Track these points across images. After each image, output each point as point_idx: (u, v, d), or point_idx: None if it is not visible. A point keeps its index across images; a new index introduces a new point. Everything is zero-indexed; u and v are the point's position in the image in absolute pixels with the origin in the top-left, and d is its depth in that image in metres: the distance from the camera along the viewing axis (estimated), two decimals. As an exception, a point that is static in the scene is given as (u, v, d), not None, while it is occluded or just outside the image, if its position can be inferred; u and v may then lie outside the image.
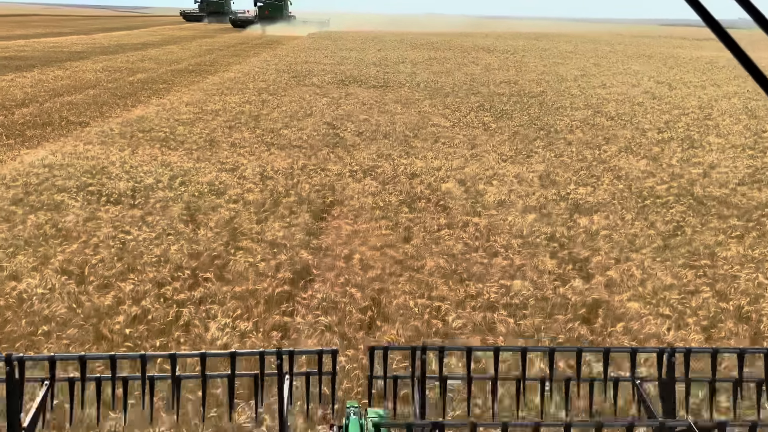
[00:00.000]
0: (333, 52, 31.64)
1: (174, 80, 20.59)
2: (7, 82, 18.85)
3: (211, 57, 29.81)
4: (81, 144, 10.10)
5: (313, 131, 11.74)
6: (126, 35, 48.76)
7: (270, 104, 14.68)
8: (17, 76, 20.20)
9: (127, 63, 25.90)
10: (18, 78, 19.83)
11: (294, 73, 21.26)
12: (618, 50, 37.27)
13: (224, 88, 17.48)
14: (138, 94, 17.50)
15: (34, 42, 36.93)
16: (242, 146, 10.32)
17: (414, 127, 12.40)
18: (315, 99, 15.65)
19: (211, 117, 12.86)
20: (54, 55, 28.24)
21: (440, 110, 14.44)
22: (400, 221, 6.88)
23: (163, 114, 13.09)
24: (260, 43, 42.92)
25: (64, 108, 14.72)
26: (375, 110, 14.34)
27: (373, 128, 12.20)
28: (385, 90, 17.73)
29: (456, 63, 26.23)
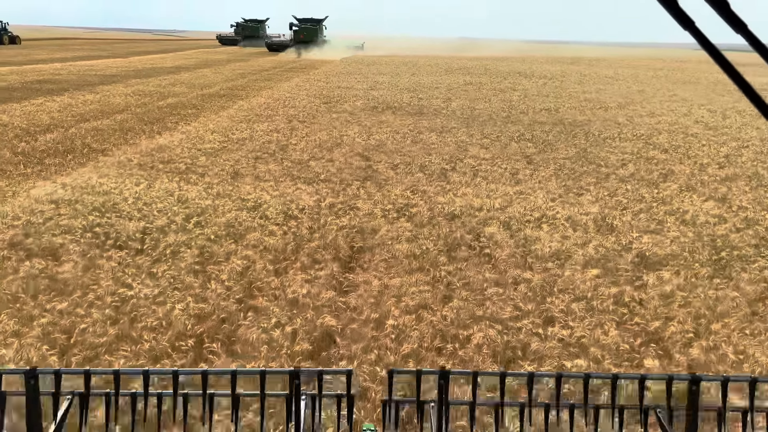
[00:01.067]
0: (366, 76, 31.11)
1: (203, 105, 20.15)
2: (36, 106, 18.61)
3: (243, 81, 29.53)
4: (95, 176, 9.47)
5: (343, 163, 10.97)
6: (161, 58, 49.22)
7: (299, 132, 13.99)
8: (47, 100, 19.99)
9: (159, 87, 25.69)
10: (47, 102, 19.60)
11: (325, 99, 20.65)
12: (661, 75, 35.99)
13: (253, 114, 16.90)
14: (165, 119, 17.03)
15: (70, 65, 37.30)
16: (267, 180, 9.58)
17: (451, 158, 11.54)
18: (346, 127, 14.93)
19: (236, 146, 12.20)
20: (87, 79, 28.26)
21: (478, 140, 13.56)
22: (439, 275, 5.98)
23: (187, 143, 12.48)
24: (294, 67, 42.79)
25: (89, 134, 14.27)
26: (409, 139, 13.54)
27: (407, 160, 11.37)
28: (419, 117, 16.94)
29: (492, 89, 25.38)
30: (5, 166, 10.98)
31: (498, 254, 6.53)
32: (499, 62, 48.33)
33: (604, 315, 5.20)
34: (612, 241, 6.99)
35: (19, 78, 27.46)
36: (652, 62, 55.46)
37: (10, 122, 15.57)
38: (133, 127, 15.59)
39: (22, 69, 32.73)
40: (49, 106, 18.84)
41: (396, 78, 30.34)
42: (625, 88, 26.50)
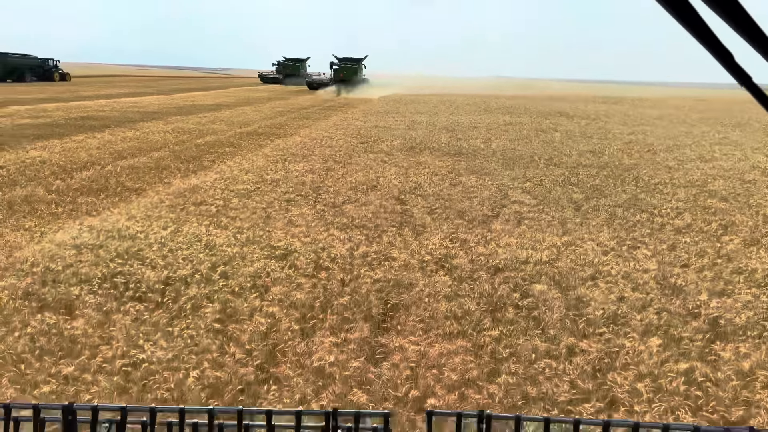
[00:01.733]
0: (404, 115, 30.89)
1: (241, 143, 20.05)
2: (76, 143, 18.76)
3: (281, 120, 29.61)
4: (124, 218, 9.17)
5: (378, 207, 10.48)
6: (203, 96, 50.16)
7: (334, 174, 13.60)
8: (88, 137, 20.18)
9: (198, 124, 25.86)
10: (88, 139, 19.78)
11: (362, 138, 20.35)
12: (709, 117, 34.85)
13: (289, 153, 16.64)
14: (202, 157, 16.90)
15: (114, 102, 38.17)
16: (298, 225, 9.13)
17: (493, 204, 10.95)
18: (383, 168, 14.50)
19: (270, 188, 11.85)
20: (129, 115, 28.70)
21: (521, 183, 12.94)
22: (483, 341, 5.36)
23: (220, 183, 12.19)
24: (332, 105, 43.01)
25: (124, 172, 14.16)
26: (447, 182, 13.01)
27: (446, 204, 10.83)
28: (458, 158, 16.43)
29: (533, 129, 24.77)
30: (38, 204, 10.82)
31: (548, 317, 5.88)
32: (539, 101, 47.78)
33: (675, 397, 4.50)
34: (676, 305, 6.27)
35: (64, 114, 28.05)
36: (697, 103, 54.14)
37: (49, 159, 15.63)
38: (168, 165, 15.46)
39: (69, 105, 33.56)
40: (89, 142, 18.98)
41: (434, 117, 30.03)
42: (671, 130, 25.58)
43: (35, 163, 14.99)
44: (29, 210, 10.48)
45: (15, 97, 38.91)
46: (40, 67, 65.73)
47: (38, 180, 13.04)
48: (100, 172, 14.19)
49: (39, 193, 11.71)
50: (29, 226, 9.45)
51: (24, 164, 14.86)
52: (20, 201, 11.06)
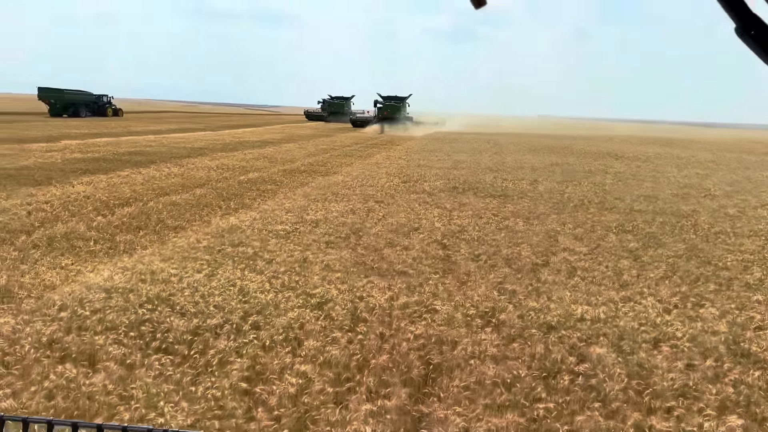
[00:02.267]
0: (447, 154, 30.55)
1: (283, 181, 19.95)
2: (121, 178, 18.94)
3: (324, 157, 29.62)
4: (158, 259, 8.93)
5: (420, 252, 10.01)
6: (249, 132, 50.99)
7: (375, 214, 13.23)
8: (133, 172, 20.40)
9: (242, 161, 26.00)
10: (133, 174, 19.97)
11: (404, 178, 20.01)
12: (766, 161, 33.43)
13: (330, 192, 16.38)
14: (244, 195, 16.80)
15: (163, 137, 38.98)
16: (336, 270, 8.72)
17: (542, 251, 10.36)
18: (425, 209, 14.07)
19: (309, 228, 11.53)
20: (175, 151, 29.13)
21: (571, 229, 12.31)
22: (536, 414, 4.79)
23: (259, 223, 11.93)
24: (375, 143, 43.06)
25: (166, 209, 14.08)
26: (493, 225, 12.47)
27: (492, 250, 10.29)
28: (503, 200, 15.88)
29: (582, 170, 24.05)
30: (76, 241, 10.73)
31: (609, 387, 5.26)
32: (586, 141, 46.89)
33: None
34: (754, 377, 5.57)
35: (113, 149, 28.64)
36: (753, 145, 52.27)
37: (93, 194, 15.73)
38: (210, 202, 15.36)
39: (118, 140, 34.39)
40: (134, 178, 19.15)
41: (477, 156, 29.59)
42: (729, 174, 24.47)
43: (79, 199, 15.08)
44: (68, 247, 10.37)
45: (68, 131, 40.17)
46: (95, 103, 68.18)
47: (80, 216, 13.04)
48: (142, 208, 14.15)
49: (80, 230, 11.65)
50: (65, 264, 9.31)
51: (69, 199, 14.95)
52: (60, 237, 10.99)
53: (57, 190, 16.18)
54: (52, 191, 15.99)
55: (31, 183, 17.17)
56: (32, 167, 20.84)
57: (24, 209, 13.33)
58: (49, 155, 24.96)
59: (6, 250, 9.93)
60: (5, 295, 7.68)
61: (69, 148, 28.19)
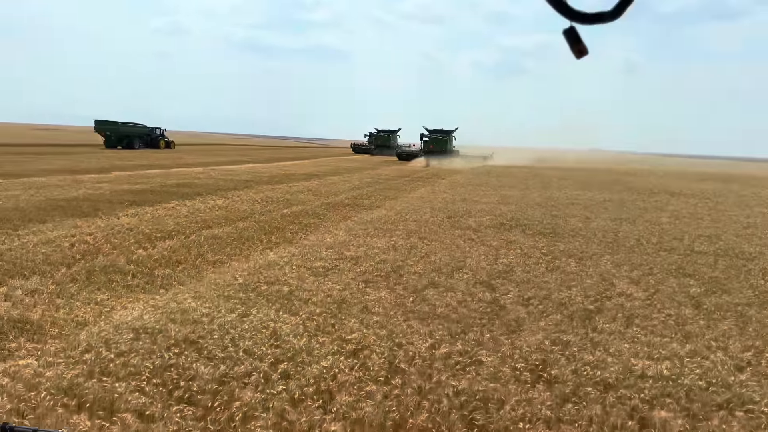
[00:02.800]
0: (494, 189, 29.92)
1: (326, 215, 19.71)
2: (167, 210, 19.01)
3: (368, 190, 29.40)
4: (191, 297, 8.63)
5: (464, 293, 9.45)
6: (297, 165, 51.44)
7: (418, 252, 12.74)
8: (179, 204, 20.49)
9: (287, 194, 25.97)
10: (179, 206, 20.05)
11: (449, 213, 19.49)
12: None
13: (372, 227, 15.99)
14: (286, 229, 16.57)
15: (211, 169, 39.57)
16: (375, 312, 8.24)
17: (595, 295, 9.65)
18: (470, 247, 13.50)
19: (348, 266, 11.12)
20: (222, 183, 29.37)
21: (627, 272, 11.53)
22: (596, 494, 4.16)
23: (298, 259, 11.59)
24: (421, 177, 42.74)
25: (207, 242, 13.92)
26: (543, 266, 11.81)
27: (542, 293, 9.64)
28: (553, 239, 15.17)
29: (636, 207, 23.05)
30: (114, 275, 10.58)
31: (680, 463, 4.59)
32: (639, 177, 45.49)
33: None
34: None
35: (162, 181, 29.08)
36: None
37: (137, 226, 15.73)
38: (251, 236, 15.16)
39: (168, 172, 35.02)
40: (179, 210, 19.20)
41: (525, 191, 28.86)
42: (795, 212, 23.04)
43: (123, 231, 15.09)
44: (105, 281, 10.23)
45: (120, 163, 41.25)
46: (148, 135, 70.28)
47: (122, 248, 12.97)
48: (183, 241, 14.03)
49: (119, 263, 11.53)
50: (101, 299, 9.13)
51: (112, 231, 14.98)
52: (99, 270, 10.88)
53: (102, 222, 16.28)
54: (97, 223, 16.09)
55: (78, 214, 17.36)
56: (81, 198, 21.20)
57: (67, 241, 13.36)
58: (98, 186, 25.45)
59: (45, 284, 9.84)
60: (36, 331, 7.49)
61: (118, 180, 28.77)
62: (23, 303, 8.80)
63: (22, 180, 26.37)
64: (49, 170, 32.63)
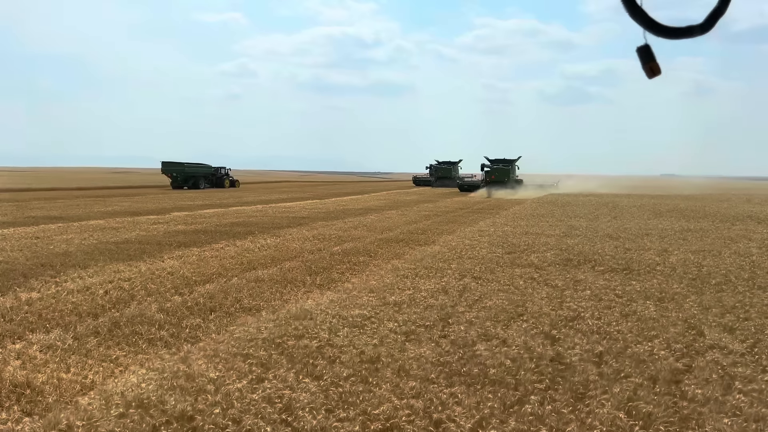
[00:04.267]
0: (559, 219, 28.09)
1: (377, 251, 18.62)
2: (214, 251, 18.40)
3: (425, 224, 28.19)
4: (204, 358, 7.61)
5: (522, 348, 8.04)
6: (355, 199, 50.89)
7: (471, 295, 11.38)
8: (228, 245, 19.89)
9: (341, 230, 25.11)
10: (227, 246, 19.43)
11: (509, 248, 17.99)
12: None
13: (422, 266, 14.73)
14: (333, 268, 15.56)
15: (270, 207, 39.40)
16: (412, 375, 6.97)
17: (682, 348, 8.04)
18: (531, 288, 12.03)
19: (389, 314, 9.90)
20: (277, 221, 28.85)
21: (717, 316, 9.80)
22: None
23: (336, 306, 10.47)
24: (481, 208, 41.23)
25: (247, 286, 13.04)
26: (616, 311, 10.23)
27: (616, 347, 8.11)
28: (627, 276, 13.47)
29: (720, 237, 20.80)
30: (140, 326, 9.77)
31: None
32: (719, 203, 42.30)
33: None
34: None
35: (217, 220, 28.84)
36: None
37: (179, 270, 15.08)
38: (295, 277, 14.21)
39: (226, 211, 34.95)
40: (227, 251, 18.55)
41: (594, 222, 26.88)
42: None
43: (163, 275, 14.45)
44: (129, 333, 9.42)
45: (183, 203, 41.69)
46: (213, 175, 71.82)
47: (157, 295, 12.25)
48: (223, 285, 13.20)
49: (149, 312, 10.76)
50: (117, 356, 8.28)
51: (152, 276, 14.36)
52: (126, 321, 10.11)
53: (144, 266, 15.73)
54: (140, 267, 15.55)
55: (123, 258, 16.94)
56: (132, 240, 20.95)
57: (103, 288, 12.76)
58: (153, 228, 25.33)
59: (64, 338, 9.11)
60: (34, 398, 6.65)
61: (175, 220, 28.71)
62: (34, 362, 8.05)
63: (81, 223, 26.61)
64: (111, 212, 33.10)
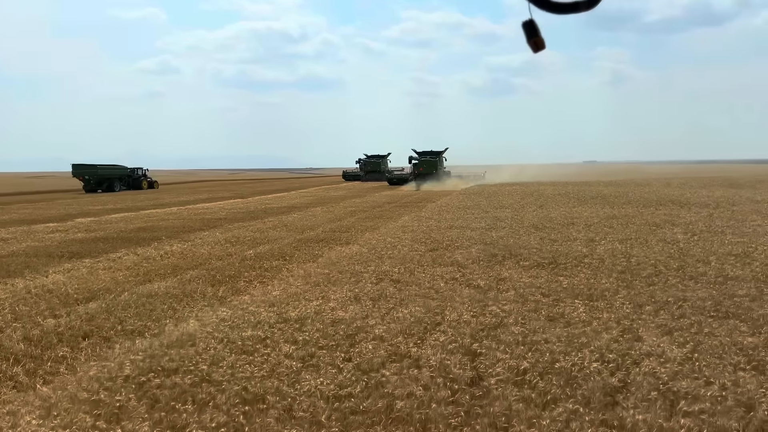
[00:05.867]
0: (485, 211, 27.38)
1: (294, 254, 17.17)
2: (109, 262, 16.45)
3: (349, 221, 26.87)
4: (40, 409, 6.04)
5: (435, 372, 6.86)
6: (280, 197, 49.07)
7: (385, 302, 10.16)
8: (128, 253, 17.95)
9: (258, 231, 23.46)
10: (126, 255, 17.51)
11: (432, 245, 16.92)
12: None
13: (337, 270, 13.41)
14: (240, 276, 14.03)
15: (186, 209, 37.12)
16: (301, 416, 5.65)
17: (617, 359, 7.06)
18: (452, 291, 10.93)
19: (288, 333, 8.52)
20: (190, 224, 26.88)
21: (651, 315, 8.95)
22: None
23: (225, 327, 9.01)
24: (409, 201, 40.31)
25: (135, 303, 11.35)
26: (542, 313, 9.24)
27: (543, 361, 7.05)
28: (554, 271, 12.59)
29: (645, 223, 20.44)
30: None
31: None
32: (641, 188, 42.94)
33: None
34: None
35: (124, 226, 26.59)
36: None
37: (61, 287, 13.16)
38: (195, 290, 12.60)
39: (136, 215, 32.50)
40: (124, 261, 16.65)
41: (520, 212, 26.28)
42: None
43: (41, 293, 12.54)
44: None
45: (91, 208, 38.78)
46: (129, 177, 68.07)
47: (26, 319, 10.44)
48: (109, 303, 11.47)
49: (8, 342, 8.99)
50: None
51: (28, 294, 12.44)
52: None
53: (22, 283, 13.73)
54: (16, 285, 13.54)
55: (1, 274, 14.83)
56: (19, 253, 18.67)
57: (-41, 314, 10.80)
58: (49, 237, 22.94)
59: None
60: None
61: (76, 227, 26.25)
62: None
63: (-36, 235, 23.82)
64: (5, 221, 30.12)
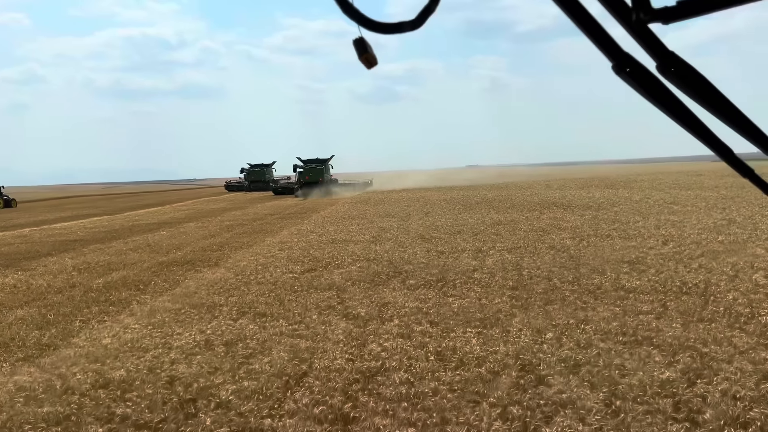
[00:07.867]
0: (370, 221, 25.94)
1: (151, 282, 14.78)
2: None
3: (224, 237, 24.47)
4: None
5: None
6: (151, 213, 45.24)
7: (242, 347, 8.26)
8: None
9: (115, 254, 20.59)
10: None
11: (310, 263, 15.13)
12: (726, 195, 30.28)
13: (190, 304, 11.30)
14: (78, 315, 11.57)
15: (41, 229, 32.96)
16: None
17: (523, 412, 5.65)
18: (326, 325, 9.22)
19: (99, 408, 6.43)
20: (38, 248, 23.39)
21: (554, 344, 7.70)
22: None
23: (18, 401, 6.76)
24: (293, 212, 38.22)
25: None
26: (431, 348, 7.75)
27: (430, 419, 5.50)
28: (442, 290, 11.23)
29: (532, 228, 19.76)
30: None
31: None
32: (523, 190, 43.42)
33: None
34: None
35: (-48, 254, 22.60)
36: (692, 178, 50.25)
37: None
38: (13, 337, 10.08)
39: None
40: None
41: (406, 221, 25.07)
42: (705, 218, 20.55)
43: None
44: None
45: None
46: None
47: None
48: None
49: None
50: None
51: None
52: None
53: None
54: None
55: None
56: None
57: None
58: None
59: None
60: None
61: None
62: None
63: None
64: None
